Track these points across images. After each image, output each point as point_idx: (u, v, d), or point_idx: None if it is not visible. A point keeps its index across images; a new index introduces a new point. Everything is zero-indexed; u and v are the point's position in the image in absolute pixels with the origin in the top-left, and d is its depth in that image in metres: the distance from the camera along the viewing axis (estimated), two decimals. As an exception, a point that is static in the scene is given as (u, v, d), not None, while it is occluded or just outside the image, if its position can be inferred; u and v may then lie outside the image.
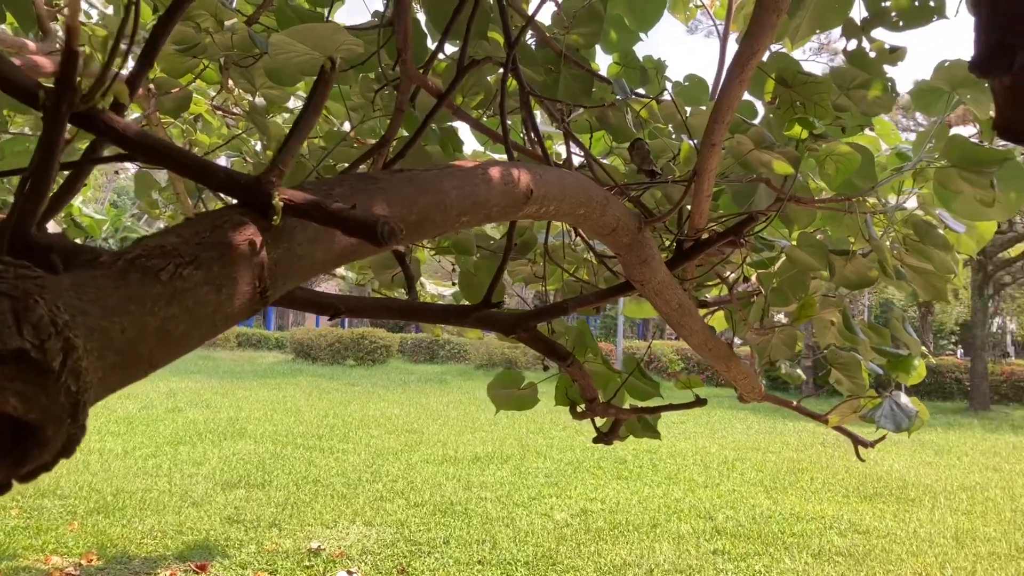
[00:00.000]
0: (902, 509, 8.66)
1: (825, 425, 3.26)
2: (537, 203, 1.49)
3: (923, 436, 15.21)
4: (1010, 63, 1.03)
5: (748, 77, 1.63)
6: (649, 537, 7.14)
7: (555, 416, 14.40)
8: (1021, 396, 23.68)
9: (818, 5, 2.38)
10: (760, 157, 2.52)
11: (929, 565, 6.57)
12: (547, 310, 2.36)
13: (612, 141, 2.98)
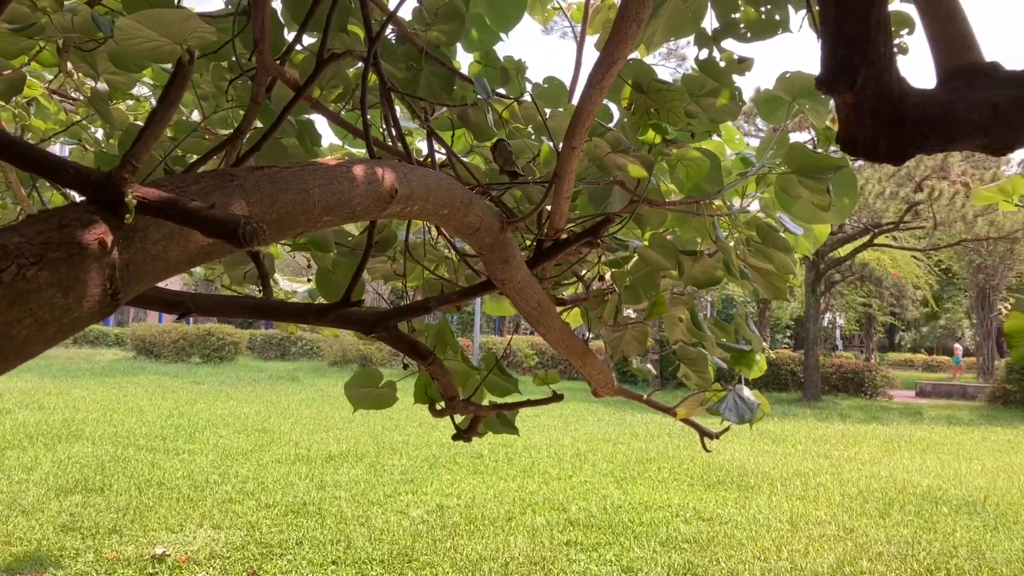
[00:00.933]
0: (743, 496, 9.12)
1: (673, 417, 3.38)
2: (402, 202, 1.47)
3: (762, 426, 16.06)
4: (853, 81, 1.09)
5: (608, 84, 1.67)
6: (504, 531, 7.23)
7: (412, 413, 14.34)
8: (848, 386, 25.38)
9: (672, 14, 2.47)
10: (616, 160, 2.58)
11: (767, 548, 6.95)
12: (408, 309, 2.34)
13: (473, 139, 2.99)
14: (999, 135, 1.16)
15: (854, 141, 1.15)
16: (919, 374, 37.54)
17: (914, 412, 20.54)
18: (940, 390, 27.44)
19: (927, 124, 1.12)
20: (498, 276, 2.21)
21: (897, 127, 1.11)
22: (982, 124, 1.13)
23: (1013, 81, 1.15)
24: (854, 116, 1.12)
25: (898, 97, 1.10)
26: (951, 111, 1.12)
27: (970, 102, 1.12)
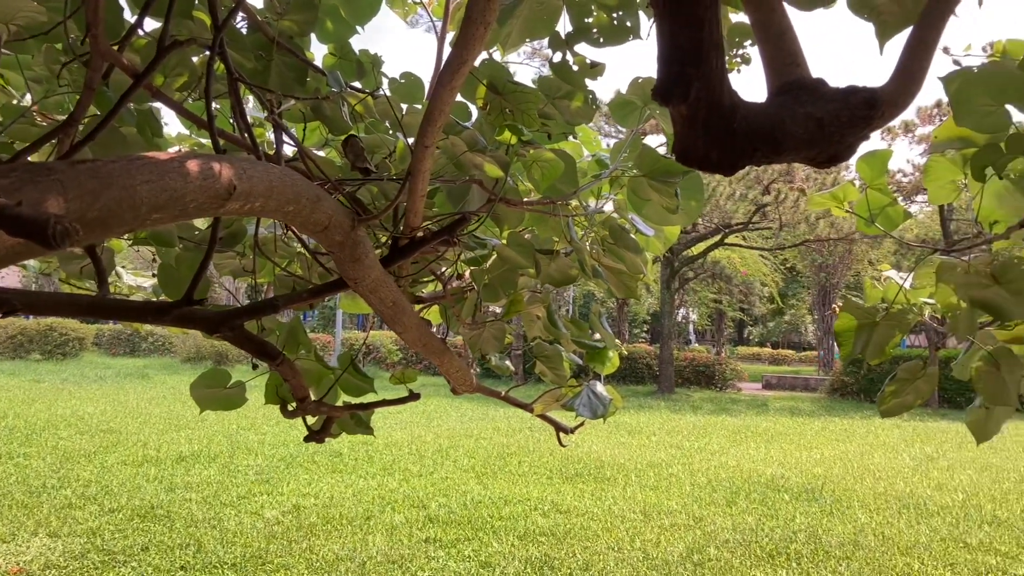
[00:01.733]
0: (599, 488, 9.34)
1: (531, 413, 3.42)
2: (241, 199, 1.42)
3: (619, 418, 16.51)
4: (686, 93, 1.12)
5: (458, 84, 1.66)
6: (363, 530, 7.14)
7: (269, 411, 13.96)
8: (700, 379, 26.42)
9: (528, 16, 2.49)
10: (473, 159, 2.58)
11: (621, 539, 7.14)
12: (255, 307, 2.27)
13: (328, 133, 2.92)
14: (824, 148, 1.22)
15: (687, 151, 1.18)
16: (765, 367, 39.47)
17: (760, 404, 21.59)
18: (784, 382, 28.93)
19: (757, 136, 1.16)
20: (350, 274, 2.17)
21: (728, 139, 1.15)
22: (807, 137, 1.18)
23: (836, 97, 1.21)
24: (688, 127, 1.15)
25: (729, 110, 1.14)
26: (779, 124, 1.17)
27: (796, 116, 1.18)
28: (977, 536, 7.53)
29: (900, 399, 2.61)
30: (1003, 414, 2.66)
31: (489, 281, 3.07)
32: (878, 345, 2.53)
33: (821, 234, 24.11)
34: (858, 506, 8.75)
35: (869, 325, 2.54)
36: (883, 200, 2.64)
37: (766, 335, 57.57)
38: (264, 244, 2.98)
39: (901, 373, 2.58)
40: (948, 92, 2.11)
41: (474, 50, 1.51)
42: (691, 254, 26.33)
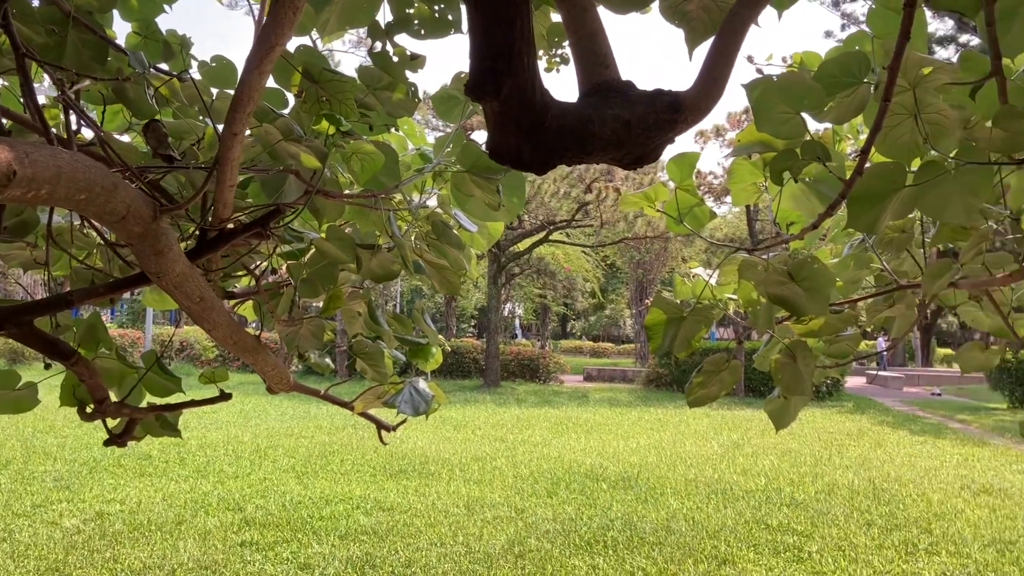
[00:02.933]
0: (423, 484, 9.33)
1: (352, 411, 3.35)
2: (23, 186, 1.29)
3: (445, 413, 16.56)
4: (498, 91, 1.11)
5: (267, 69, 1.59)
6: (173, 536, 6.79)
7: (70, 412, 13.04)
8: (525, 373, 26.91)
9: (347, 3, 2.42)
10: (288, 148, 2.48)
11: (444, 534, 7.16)
12: (46, 303, 2.10)
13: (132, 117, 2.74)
14: (631, 150, 1.24)
15: (500, 148, 1.17)
16: (587, 360, 40.72)
17: (582, 395, 22.26)
18: (604, 374, 29.95)
19: (567, 136, 1.17)
20: (152, 268, 2.03)
21: (540, 137, 1.15)
22: (615, 138, 1.20)
23: (643, 100, 1.23)
24: (500, 124, 1.14)
25: (541, 108, 1.14)
26: (588, 125, 1.18)
27: (605, 117, 1.19)
28: (777, 517, 8.07)
29: (706, 390, 2.72)
30: (799, 403, 2.84)
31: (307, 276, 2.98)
32: (685, 339, 2.63)
33: (639, 232, 25.14)
34: (671, 493, 9.18)
35: (677, 320, 2.63)
36: (691, 200, 2.75)
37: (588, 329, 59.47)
38: (59, 234, 2.76)
39: (707, 366, 2.69)
40: (750, 99, 2.22)
41: (283, 34, 1.44)
42: (517, 250, 26.77)
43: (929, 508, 8.61)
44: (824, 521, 7.95)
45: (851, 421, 16.98)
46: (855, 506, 8.65)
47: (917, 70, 2.07)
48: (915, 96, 2.05)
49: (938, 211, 2.04)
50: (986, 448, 13.07)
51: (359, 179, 2.75)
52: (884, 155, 2.14)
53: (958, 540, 7.31)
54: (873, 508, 8.56)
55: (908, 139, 2.12)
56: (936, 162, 2.01)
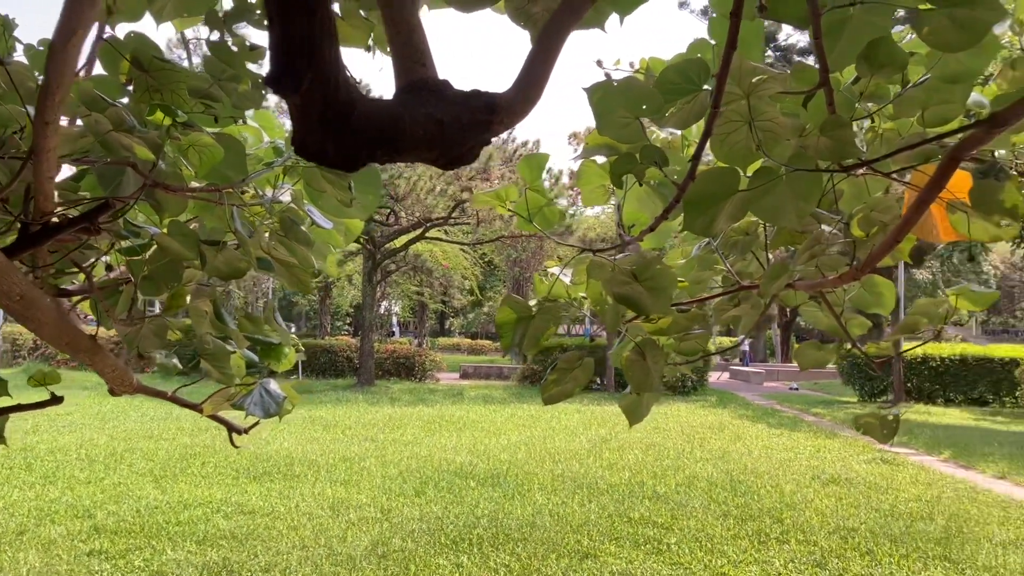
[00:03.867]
0: (288, 486, 9.11)
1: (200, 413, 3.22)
2: None
3: (315, 412, 16.25)
4: (298, 84, 1.07)
5: (72, 55, 1.49)
6: (13, 547, 6.39)
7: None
8: (401, 371, 26.70)
9: (182, -11, 2.32)
10: (120, 139, 2.36)
11: (306, 537, 7.01)
12: None
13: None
14: (445, 150, 1.22)
15: (305, 144, 1.13)
16: (465, 357, 40.76)
17: (457, 393, 22.26)
18: (480, 371, 30.06)
19: (376, 134, 1.14)
20: (-43, 265, 1.89)
21: (345, 134, 1.12)
22: (428, 138, 1.18)
23: (458, 100, 1.21)
24: (303, 120, 1.10)
25: (346, 104, 1.11)
26: (399, 123, 1.15)
27: (417, 116, 1.17)
28: (639, 510, 8.28)
29: (560, 387, 2.74)
30: (651, 398, 2.89)
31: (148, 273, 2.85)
32: (533, 337, 2.64)
33: (515, 230, 25.32)
34: (537, 489, 9.28)
35: (526, 318, 2.64)
36: (541, 201, 2.76)
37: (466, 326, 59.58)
38: None
39: (561, 363, 2.71)
40: (591, 102, 2.24)
41: (83, 17, 1.36)
42: (393, 247, 26.52)
43: (782, 498, 9.00)
44: (683, 513, 8.21)
45: (714, 415, 17.61)
46: (713, 498, 8.97)
47: (750, 79, 2.13)
48: (749, 104, 2.11)
49: (772, 215, 2.11)
50: (836, 440, 13.78)
51: (198, 172, 2.65)
52: (722, 160, 2.20)
53: (806, 528, 7.67)
54: (730, 499, 8.89)
55: (744, 145, 2.18)
56: (769, 168, 2.08)
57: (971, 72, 2.25)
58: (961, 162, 2.16)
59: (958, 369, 21.44)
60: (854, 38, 2.11)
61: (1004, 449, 12.90)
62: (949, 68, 2.23)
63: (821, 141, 2.10)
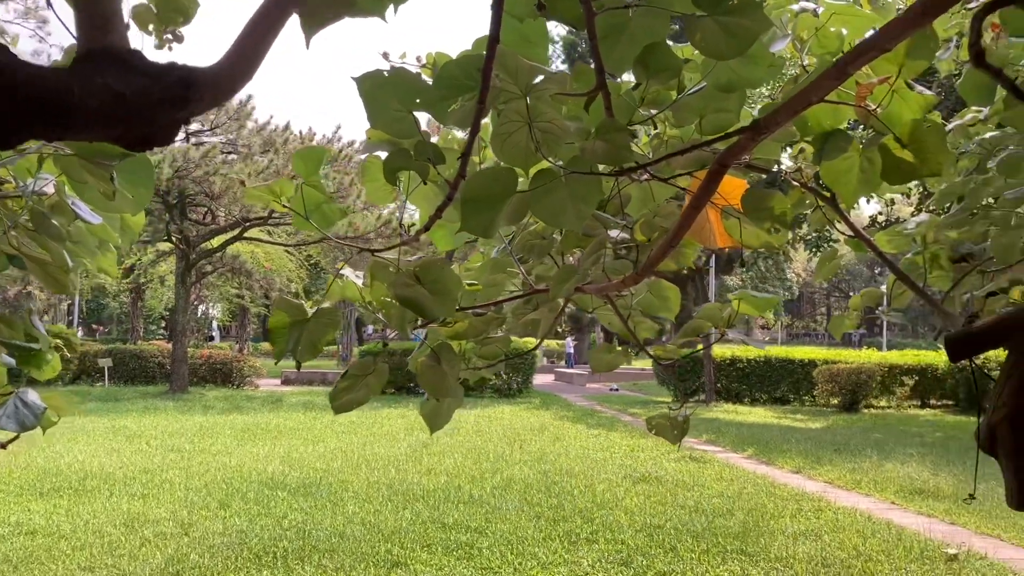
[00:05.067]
0: (77, 502, 8.45)
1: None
2: None
3: (118, 422, 15.27)
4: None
5: None
6: None
7: None
8: (217, 377, 25.59)
9: None
10: None
11: (94, 557, 6.49)
12: None
13: None
14: (131, 127, 1.07)
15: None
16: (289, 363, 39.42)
17: (276, 400, 21.54)
18: (303, 377, 29.25)
19: (36, 106, 0.98)
20: None
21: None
22: (105, 112, 1.02)
23: (148, 72, 1.07)
24: None
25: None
26: (67, 96, 0.99)
27: (93, 87, 1.01)
28: (454, 515, 8.22)
29: (352, 395, 2.61)
30: (453, 404, 2.80)
31: None
32: (310, 343, 2.49)
33: (339, 232, 24.80)
34: (350, 497, 9.05)
35: (300, 322, 2.49)
36: (319, 197, 2.62)
37: (290, 331, 57.77)
38: None
39: (353, 369, 2.58)
40: (361, 93, 2.12)
41: None
42: (210, 247, 25.36)
43: (594, 498, 9.20)
44: (498, 516, 8.22)
45: (536, 417, 17.88)
46: (528, 500, 9.04)
47: (529, 78, 2.08)
48: (527, 104, 2.05)
49: (552, 217, 2.06)
50: (650, 439, 14.28)
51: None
52: (503, 161, 2.14)
53: (615, 527, 7.85)
54: (544, 501, 8.99)
55: (524, 146, 2.11)
56: (550, 170, 2.03)
57: (744, 81, 2.29)
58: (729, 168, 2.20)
59: (763, 370, 22.81)
60: (632, 42, 2.10)
61: (800, 445, 13.78)
62: (723, 77, 2.26)
63: (597, 144, 2.07)
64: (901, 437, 15.59)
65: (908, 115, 2.19)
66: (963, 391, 21.93)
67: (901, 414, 20.88)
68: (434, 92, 2.08)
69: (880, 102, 2.17)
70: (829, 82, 1.85)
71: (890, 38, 1.67)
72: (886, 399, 22.30)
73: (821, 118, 2.30)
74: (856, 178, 2.24)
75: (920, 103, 2.21)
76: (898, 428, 17.39)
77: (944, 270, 3.55)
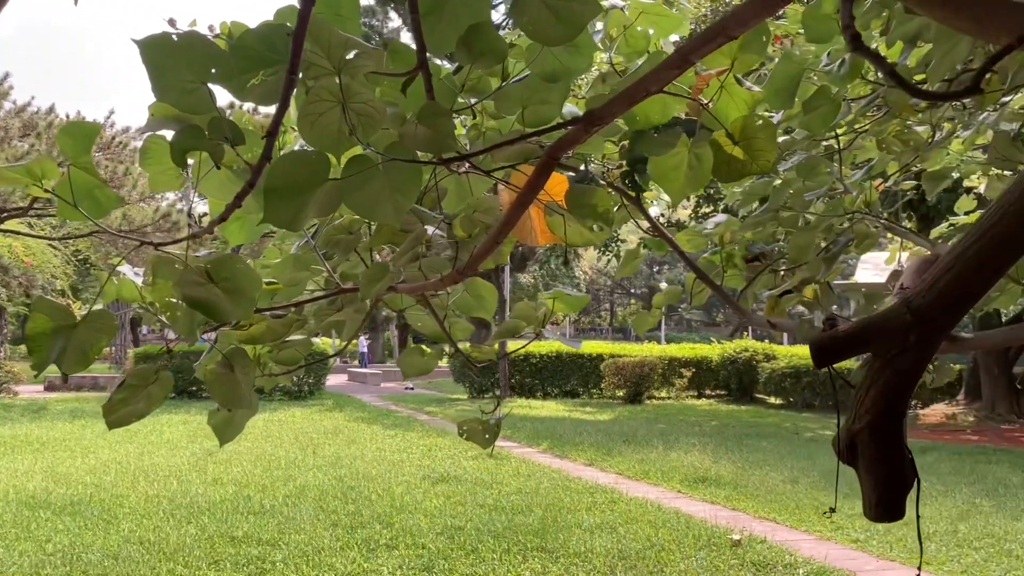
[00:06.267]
0: None
1: None
2: None
3: None
4: None
5: None
6: None
7: None
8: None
9: None
10: None
11: None
12: None
13: None
14: None
15: None
16: (52, 367, 36.26)
17: (39, 408, 19.64)
18: (70, 382, 26.97)
19: None
20: None
21: None
22: None
23: None
24: None
25: None
26: None
27: None
28: (243, 528, 7.72)
29: (131, 407, 2.25)
30: (245, 415, 2.51)
31: None
32: (79, 351, 2.11)
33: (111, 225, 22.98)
34: (126, 514, 8.28)
35: (66, 328, 2.11)
36: (90, 182, 2.24)
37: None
38: None
39: (131, 379, 2.23)
40: (143, 59, 1.81)
41: None
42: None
43: (393, 502, 8.96)
44: (292, 527, 7.80)
45: (329, 419, 17.35)
46: (323, 507, 8.66)
47: (342, 52, 1.84)
48: (340, 81, 1.82)
49: (367, 209, 1.84)
50: (447, 437, 14.20)
51: None
52: (311, 144, 1.88)
53: (415, 531, 7.66)
54: (340, 507, 8.65)
55: (336, 129, 1.87)
56: (365, 157, 1.80)
57: (569, 71, 2.16)
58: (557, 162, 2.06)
59: (554, 365, 23.43)
60: (454, 20, 1.91)
61: (592, 438, 14.19)
62: (548, 65, 2.12)
63: (419, 130, 1.87)
64: (682, 427, 16.46)
65: (736, 111, 2.15)
66: (734, 382, 23.60)
67: (680, 404, 22.13)
68: (232, 62, 1.81)
69: (712, 97, 2.11)
70: (669, 71, 1.75)
71: (737, 25, 1.58)
72: (666, 390, 23.59)
73: (650, 112, 2.22)
74: (684, 175, 2.17)
75: (747, 99, 2.18)
76: (678, 418, 18.37)
77: (739, 269, 3.64)
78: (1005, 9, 1.17)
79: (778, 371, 21.85)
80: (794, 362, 21.43)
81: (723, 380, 24.20)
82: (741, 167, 2.06)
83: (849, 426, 1.32)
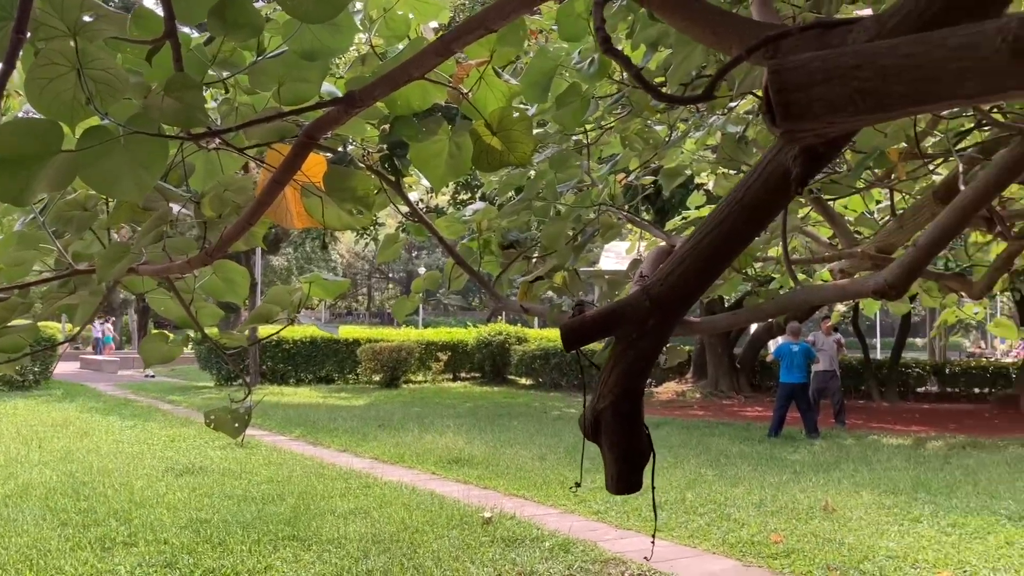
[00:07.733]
0: None
1: None
2: None
3: None
4: None
5: None
6: None
7: None
8: None
9: None
10: None
11: None
12: None
13: None
14: None
15: None
16: None
17: None
18: None
19: None
20: None
21: None
22: None
23: None
24: None
25: None
26: None
27: None
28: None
29: None
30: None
31: None
32: None
33: None
34: None
35: None
36: None
37: None
38: None
39: None
40: None
41: None
42: None
43: (131, 497, 8.39)
44: (12, 529, 7.09)
45: (58, 411, 15.94)
46: (50, 506, 7.95)
47: (78, 14, 1.70)
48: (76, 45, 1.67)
49: (107, 185, 1.71)
50: (192, 427, 13.50)
51: None
52: (41, 112, 1.72)
53: (157, 526, 7.23)
54: (71, 505, 7.98)
55: (71, 96, 1.72)
56: (105, 128, 1.67)
57: (328, 51, 2.13)
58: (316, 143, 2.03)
59: (309, 350, 22.93)
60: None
61: (347, 423, 14.06)
62: (307, 43, 2.07)
63: (166, 102, 1.76)
64: (438, 409, 16.73)
65: (494, 102, 2.22)
66: (488, 364, 24.30)
67: (436, 387, 22.47)
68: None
69: (472, 87, 2.16)
70: (432, 58, 1.77)
71: (497, 18, 1.62)
72: (423, 374, 23.86)
73: (411, 97, 2.23)
74: (445, 163, 2.21)
75: (505, 91, 2.25)
76: (434, 401, 18.66)
77: (495, 256, 3.76)
78: (736, 23, 1.29)
79: (529, 353, 22.79)
80: (544, 344, 22.43)
81: (478, 363, 24.85)
82: (499, 157, 2.12)
83: (594, 405, 1.40)
